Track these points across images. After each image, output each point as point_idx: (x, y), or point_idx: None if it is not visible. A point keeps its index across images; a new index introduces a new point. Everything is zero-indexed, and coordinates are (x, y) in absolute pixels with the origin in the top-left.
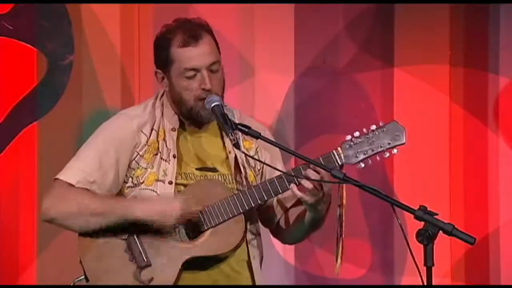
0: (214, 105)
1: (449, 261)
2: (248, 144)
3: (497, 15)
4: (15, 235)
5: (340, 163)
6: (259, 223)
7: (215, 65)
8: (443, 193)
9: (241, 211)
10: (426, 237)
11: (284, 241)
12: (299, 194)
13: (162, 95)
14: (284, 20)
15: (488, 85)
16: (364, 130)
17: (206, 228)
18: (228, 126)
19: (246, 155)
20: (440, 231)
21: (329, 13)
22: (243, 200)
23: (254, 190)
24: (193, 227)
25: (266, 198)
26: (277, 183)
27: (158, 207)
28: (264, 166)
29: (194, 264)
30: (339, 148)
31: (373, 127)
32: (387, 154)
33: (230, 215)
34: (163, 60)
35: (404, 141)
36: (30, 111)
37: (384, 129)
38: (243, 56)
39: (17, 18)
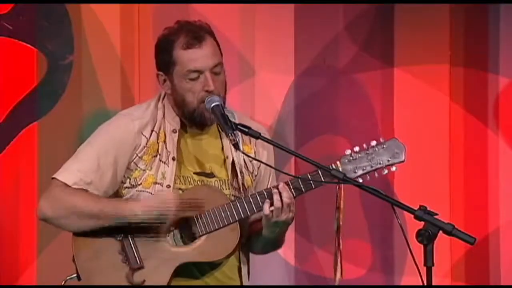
0: (214, 105)
1: (449, 261)
2: (247, 149)
3: (497, 15)
4: (15, 235)
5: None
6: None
7: (218, 67)
8: (443, 193)
9: (237, 219)
10: (426, 237)
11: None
12: (267, 211)
13: (164, 96)
14: (284, 20)
15: (488, 85)
16: (364, 145)
17: (201, 233)
18: (228, 126)
19: (246, 155)
20: (440, 231)
21: (329, 13)
22: (240, 208)
23: (250, 198)
24: (188, 232)
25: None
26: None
27: (155, 203)
28: (259, 171)
29: (187, 269)
30: (338, 162)
31: (373, 143)
32: (386, 171)
33: (226, 223)
34: (165, 62)
35: (403, 159)
36: (30, 111)
37: (384, 145)
38: (243, 56)
39: (17, 18)
